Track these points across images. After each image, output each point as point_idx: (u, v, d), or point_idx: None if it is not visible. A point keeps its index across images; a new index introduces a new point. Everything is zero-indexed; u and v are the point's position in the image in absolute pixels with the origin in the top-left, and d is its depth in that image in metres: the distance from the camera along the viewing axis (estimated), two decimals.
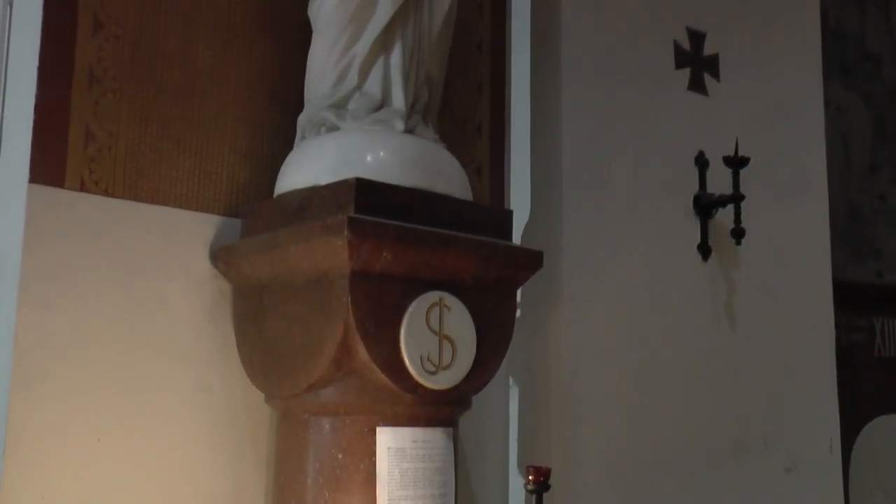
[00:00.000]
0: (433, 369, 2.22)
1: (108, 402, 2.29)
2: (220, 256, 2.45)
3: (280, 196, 2.41)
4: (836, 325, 3.89)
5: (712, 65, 3.57)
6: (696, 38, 3.53)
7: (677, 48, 3.47)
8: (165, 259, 2.41)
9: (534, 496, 2.58)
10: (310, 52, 2.48)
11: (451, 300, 2.27)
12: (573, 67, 3.15)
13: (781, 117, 3.78)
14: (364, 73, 2.41)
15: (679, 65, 3.47)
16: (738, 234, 3.40)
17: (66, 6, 2.32)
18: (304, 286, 2.23)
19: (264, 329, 2.34)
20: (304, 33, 2.52)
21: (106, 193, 2.34)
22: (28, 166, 2.24)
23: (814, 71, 4.00)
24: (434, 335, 2.23)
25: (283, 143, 2.55)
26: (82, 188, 2.31)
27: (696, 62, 3.53)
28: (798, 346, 3.69)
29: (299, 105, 2.52)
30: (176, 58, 2.48)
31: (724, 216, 3.42)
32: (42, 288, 2.23)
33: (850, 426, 4.31)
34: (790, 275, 3.69)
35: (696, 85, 3.52)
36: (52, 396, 2.21)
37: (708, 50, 3.56)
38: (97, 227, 2.32)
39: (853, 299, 4.63)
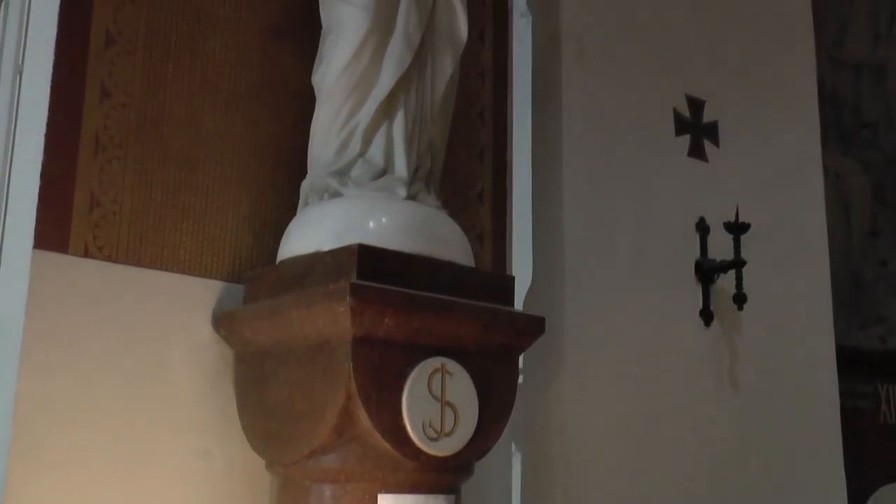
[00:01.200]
0: (435, 435, 2.21)
1: (108, 470, 2.27)
2: (223, 322, 2.45)
3: (283, 262, 2.41)
4: (841, 392, 3.87)
5: (712, 132, 3.61)
6: (696, 105, 3.57)
7: (677, 115, 3.51)
8: (167, 324, 2.41)
9: None
10: (313, 119, 2.51)
11: (453, 366, 2.26)
12: (574, 135, 3.18)
13: (781, 183, 3.81)
14: (367, 141, 2.44)
15: (679, 132, 3.51)
16: (739, 299, 3.40)
17: (75, 75, 2.36)
18: (305, 352, 2.23)
19: (266, 395, 2.33)
20: (307, 101, 2.55)
21: (109, 259, 2.35)
22: (33, 232, 2.26)
23: (812, 138, 4.04)
24: (436, 401, 2.22)
25: (286, 209, 2.57)
26: (86, 254, 2.32)
27: (696, 129, 3.56)
28: (802, 412, 3.66)
29: (302, 171, 2.54)
30: (181, 125, 2.51)
31: (726, 282, 3.42)
32: (43, 353, 2.23)
33: (856, 494, 4.26)
34: (793, 340, 3.68)
35: (697, 151, 3.55)
36: (51, 464, 2.19)
37: (707, 117, 3.60)
38: (100, 293, 2.33)
39: (857, 365, 4.61)
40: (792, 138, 3.92)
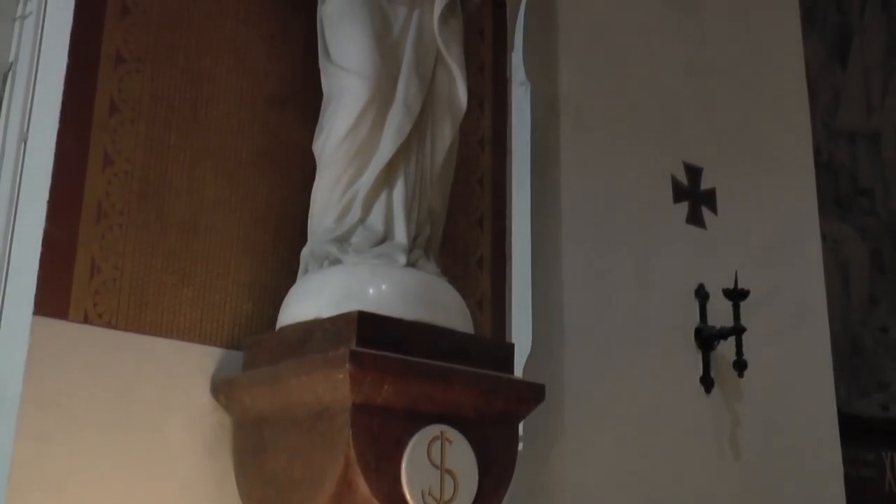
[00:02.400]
0: None
1: None
2: (222, 389, 2.44)
3: (282, 328, 2.41)
4: (844, 460, 3.84)
5: (710, 199, 3.63)
6: (694, 172, 3.60)
7: (675, 182, 3.54)
8: (166, 391, 2.40)
9: None
10: (314, 186, 2.53)
11: (452, 434, 2.25)
12: (573, 201, 3.20)
13: (779, 250, 3.83)
14: (367, 208, 2.46)
15: (677, 199, 3.53)
16: (740, 366, 3.39)
17: (79, 142, 2.38)
18: (304, 419, 2.21)
19: (264, 463, 2.31)
20: (308, 169, 2.58)
21: (109, 325, 2.35)
22: (33, 297, 2.26)
23: (809, 204, 4.06)
24: (436, 469, 2.21)
25: (286, 276, 2.57)
26: (86, 320, 2.32)
27: (694, 196, 3.59)
28: (805, 480, 3.63)
29: (303, 239, 2.55)
30: (182, 192, 2.53)
31: (726, 348, 3.42)
32: (41, 419, 2.22)
33: None
34: (794, 408, 3.66)
35: (695, 219, 3.57)
36: None
37: (705, 184, 3.62)
38: (99, 359, 2.32)
39: (860, 433, 4.58)
40: (789, 205, 3.95)
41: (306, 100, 2.72)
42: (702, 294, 3.45)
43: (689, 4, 3.77)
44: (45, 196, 2.32)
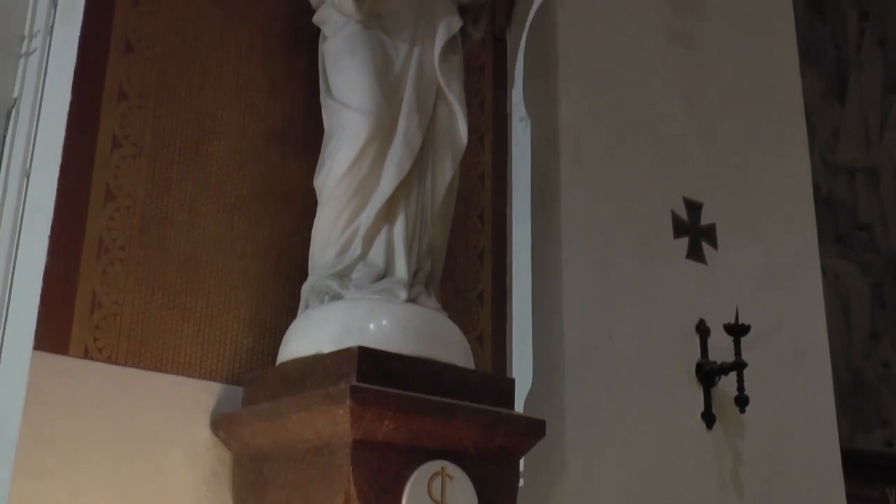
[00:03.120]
0: None
1: None
2: (222, 424, 2.43)
3: (283, 364, 2.41)
4: (847, 496, 3.81)
5: (710, 234, 3.64)
6: (693, 207, 3.61)
7: (675, 218, 3.54)
8: (166, 427, 2.39)
9: None
10: (315, 222, 2.54)
11: (453, 469, 2.24)
12: (573, 236, 3.20)
13: (780, 285, 3.82)
14: (368, 243, 2.47)
15: (677, 234, 3.54)
16: (741, 402, 3.37)
17: (81, 178, 2.39)
18: (304, 455, 2.21)
19: (264, 499, 2.30)
20: (309, 204, 2.59)
21: (109, 361, 2.35)
22: (33, 332, 2.26)
23: (809, 239, 4.06)
24: None
25: (287, 311, 2.58)
26: (86, 355, 2.32)
27: (694, 231, 3.59)
28: None
29: (303, 274, 2.56)
30: (183, 227, 2.53)
31: (728, 384, 3.40)
32: (39, 455, 2.21)
33: None
34: (797, 443, 3.64)
35: (695, 254, 3.57)
36: None
37: (705, 219, 3.63)
38: (98, 395, 2.32)
39: (864, 469, 4.55)
40: (789, 240, 3.95)
41: (307, 135, 2.74)
42: (702, 329, 3.44)
43: (689, 40, 3.79)
44: (47, 231, 2.33)
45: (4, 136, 2.66)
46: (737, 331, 3.34)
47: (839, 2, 5.75)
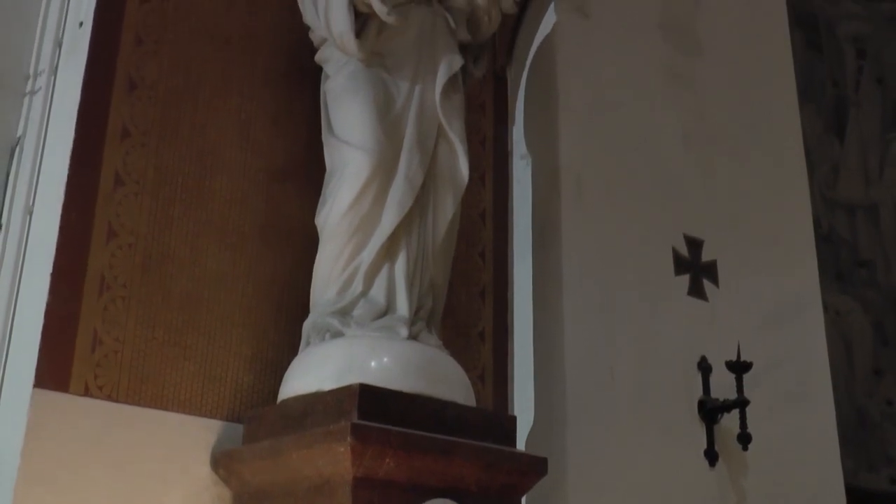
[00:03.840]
0: None
1: None
2: (222, 462, 2.42)
3: (284, 402, 2.40)
4: None
5: (711, 271, 3.64)
6: (694, 244, 3.62)
7: (676, 255, 3.55)
8: (166, 464, 2.38)
9: None
10: (316, 259, 2.55)
11: None
12: (574, 274, 3.21)
13: (782, 322, 3.81)
14: (369, 281, 2.47)
15: (679, 271, 3.54)
16: (744, 439, 3.35)
17: (83, 216, 2.40)
18: (305, 493, 2.19)
19: None
20: (311, 241, 2.59)
21: (109, 398, 2.34)
22: (34, 370, 2.25)
23: (810, 276, 4.06)
24: None
25: (288, 348, 2.57)
26: (86, 393, 2.31)
27: (695, 268, 3.59)
28: None
29: (305, 311, 2.56)
30: (185, 265, 2.54)
31: (730, 421, 3.39)
32: (39, 493, 2.20)
33: None
34: (800, 482, 3.62)
35: (696, 291, 3.57)
36: None
37: (706, 256, 3.63)
38: (98, 432, 2.31)
39: None
40: (791, 276, 3.95)
41: (309, 173, 2.75)
42: (704, 366, 3.43)
43: (688, 78, 3.82)
44: (49, 269, 2.34)
45: (8, 174, 2.68)
46: (739, 368, 3.33)
47: (836, 40, 5.80)
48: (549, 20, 3.48)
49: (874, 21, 5.83)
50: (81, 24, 2.64)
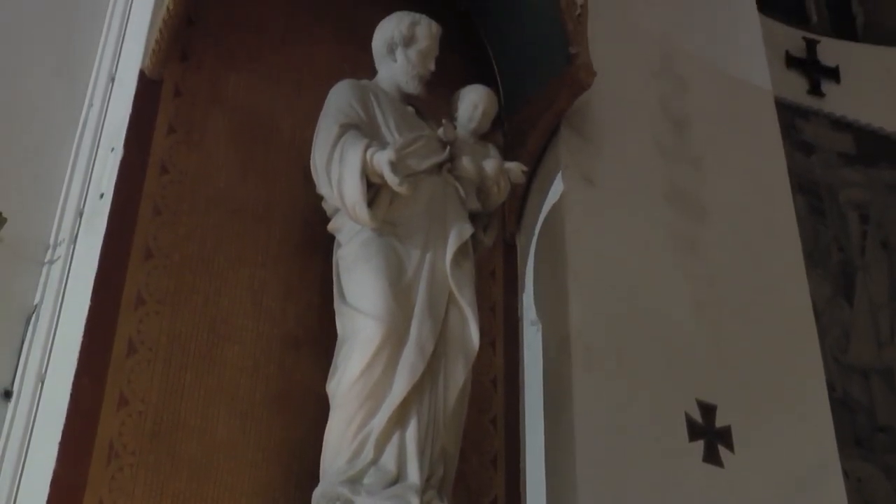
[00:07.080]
0: None
1: None
2: None
3: None
4: None
5: (725, 437, 3.58)
6: (707, 410, 3.58)
7: (689, 420, 3.50)
8: None
9: None
10: (327, 427, 2.53)
11: None
12: (586, 441, 3.16)
13: (801, 488, 3.72)
14: (380, 448, 2.44)
15: (692, 437, 3.49)
16: None
17: (95, 383, 2.41)
18: None
19: None
20: (322, 409, 2.58)
21: None
22: None
23: (827, 441, 3.98)
24: None
25: None
26: None
27: (709, 434, 3.54)
28: None
29: (315, 480, 2.52)
30: (195, 433, 2.52)
31: None
32: None
33: None
34: None
35: (711, 457, 3.51)
36: None
37: (720, 422, 3.59)
38: None
39: None
40: (807, 441, 3.88)
41: (321, 340, 2.77)
42: None
43: (694, 245, 3.87)
44: (58, 437, 2.33)
45: (23, 342, 2.69)
46: None
47: (839, 205, 5.90)
48: (556, 188, 3.57)
49: (874, 188, 5.96)
50: (102, 195, 2.72)
